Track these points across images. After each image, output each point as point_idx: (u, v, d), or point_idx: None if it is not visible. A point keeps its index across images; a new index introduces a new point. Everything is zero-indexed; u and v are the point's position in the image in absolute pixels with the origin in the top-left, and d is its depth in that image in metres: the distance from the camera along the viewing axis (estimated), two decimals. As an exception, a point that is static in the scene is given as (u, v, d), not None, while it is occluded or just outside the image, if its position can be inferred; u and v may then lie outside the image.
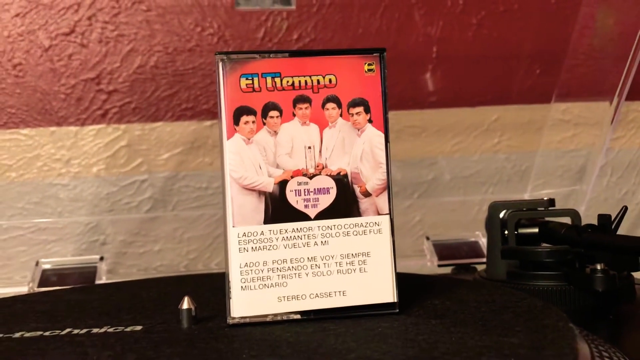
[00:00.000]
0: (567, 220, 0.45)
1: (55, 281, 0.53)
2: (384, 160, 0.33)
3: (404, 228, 0.70)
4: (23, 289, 0.54)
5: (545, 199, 0.45)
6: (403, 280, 0.33)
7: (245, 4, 0.61)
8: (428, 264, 0.59)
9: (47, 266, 0.55)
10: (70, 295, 0.40)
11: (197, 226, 0.69)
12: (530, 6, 0.72)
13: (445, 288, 0.38)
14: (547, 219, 0.45)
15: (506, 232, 0.45)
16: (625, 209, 0.42)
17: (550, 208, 0.45)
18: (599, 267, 0.39)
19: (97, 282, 0.54)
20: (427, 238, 0.62)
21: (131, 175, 0.67)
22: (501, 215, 0.46)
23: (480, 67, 0.73)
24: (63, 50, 0.65)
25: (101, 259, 0.56)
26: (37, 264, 0.56)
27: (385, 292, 0.33)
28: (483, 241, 0.60)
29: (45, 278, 0.53)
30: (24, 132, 0.66)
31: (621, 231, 0.41)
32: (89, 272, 0.54)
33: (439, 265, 0.57)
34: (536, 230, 0.45)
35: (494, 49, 0.72)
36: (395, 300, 0.33)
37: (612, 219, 0.41)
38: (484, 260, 0.49)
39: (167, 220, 0.68)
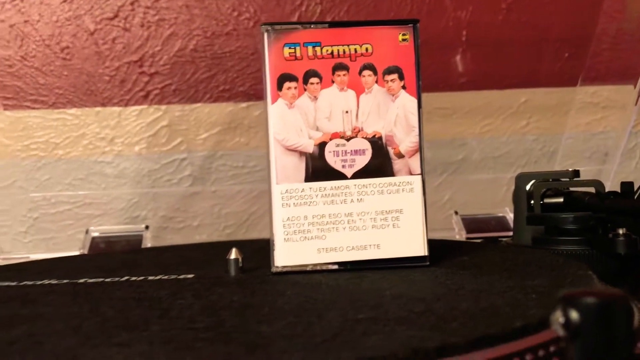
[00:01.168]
0: (591, 190, 0.47)
1: (104, 248, 0.57)
2: (416, 124, 0.36)
3: (434, 206, 0.72)
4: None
5: (570, 169, 0.47)
6: (433, 244, 0.36)
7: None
8: (456, 237, 0.61)
9: (96, 234, 0.58)
10: (123, 255, 0.44)
11: (234, 203, 0.72)
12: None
13: (473, 249, 0.41)
14: (571, 189, 0.48)
15: (532, 202, 0.47)
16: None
17: (574, 179, 0.47)
18: (621, 231, 0.41)
19: (143, 248, 0.57)
20: (456, 213, 0.64)
21: (171, 153, 0.71)
22: (527, 187, 0.49)
23: (509, 50, 0.75)
24: (107, 34, 0.69)
25: (146, 227, 0.60)
26: (87, 232, 0.60)
27: (416, 246, 0.35)
28: (510, 216, 0.62)
29: (95, 245, 0.57)
30: (71, 112, 0.70)
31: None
32: (135, 240, 0.57)
33: (467, 239, 0.60)
34: (561, 199, 0.47)
35: (523, 33, 0.74)
36: (426, 254, 0.36)
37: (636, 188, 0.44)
38: (511, 234, 0.51)
39: (205, 197, 0.72)
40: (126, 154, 0.70)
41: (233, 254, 0.36)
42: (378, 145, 0.36)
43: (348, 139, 0.36)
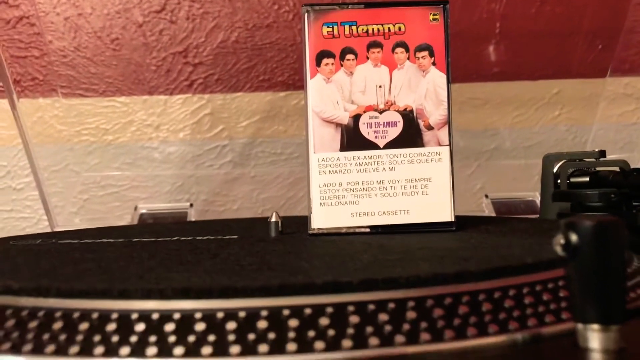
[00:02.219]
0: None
1: (152, 223, 0.61)
2: (445, 99, 0.39)
3: (466, 194, 0.75)
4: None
5: (596, 150, 0.50)
6: (460, 218, 0.39)
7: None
8: (486, 218, 0.63)
9: (144, 210, 0.62)
10: (171, 225, 0.48)
11: (272, 188, 0.76)
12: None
13: (498, 222, 0.43)
14: (598, 169, 0.50)
15: (559, 180, 0.50)
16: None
17: (600, 159, 0.50)
18: (642, 205, 0.43)
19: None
20: (486, 196, 0.67)
21: (214, 140, 0.75)
22: (555, 169, 0.51)
23: (541, 42, 0.77)
24: (155, 26, 0.73)
25: (191, 205, 0.63)
26: (135, 208, 0.64)
27: (444, 212, 0.38)
28: (539, 200, 0.64)
29: (143, 220, 0.61)
30: (120, 99, 0.74)
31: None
32: (181, 216, 0.61)
33: (496, 220, 0.62)
34: (587, 179, 0.49)
35: (555, 25, 0.76)
36: (453, 220, 0.38)
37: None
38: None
39: (244, 181, 0.75)
40: (171, 140, 0.74)
41: (274, 217, 0.39)
42: (409, 117, 0.39)
43: (381, 112, 0.39)
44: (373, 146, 0.38)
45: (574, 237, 0.20)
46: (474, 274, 0.23)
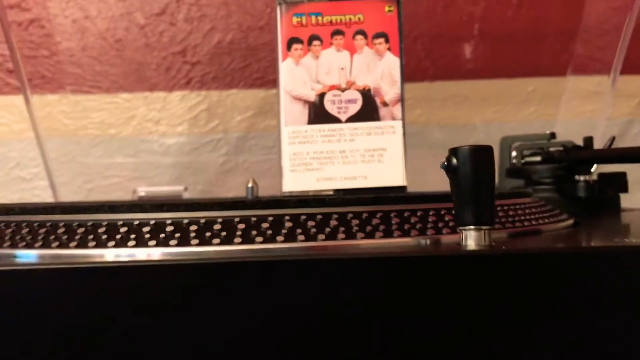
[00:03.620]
0: (566, 150, 0.56)
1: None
2: (398, 79, 0.46)
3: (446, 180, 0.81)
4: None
5: (547, 132, 0.56)
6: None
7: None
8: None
9: (142, 193, 0.69)
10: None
11: (265, 179, 0.82)
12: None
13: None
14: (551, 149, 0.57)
15: (514, 160, 0.57)
16: (613, 138, 0.53)
17: (551, 140, 0.56)
18: (582, 178, 0.50)
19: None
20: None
21: (210, 134, 0.82)
22: (513, 152, 0.58)
23: (518, 42, 0.84)
24: (155, 28, 0.81)
25: (185, 189, 0.71)
26: (134, 191, 0.71)
27: (397, 177, 0.45)
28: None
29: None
30: (123, 96, 0.82)
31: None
32: (176, 198, 0.68)
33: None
34: (539, 158, 0.56)
35: (531, 27, 0.83)
36: (405, 184, 0.45)
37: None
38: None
39: (238, 173, 0.82)
40: (170, 134, 0.82)
41: (250, 183, 0.46)
42: (367, 95, 0.46)
43: (343, 90, 0.46)
44: (336, 120, 0.45)
45: (454, 160, 0.27)
46: (389, 199, 0.30)
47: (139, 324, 0.23)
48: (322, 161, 0.45)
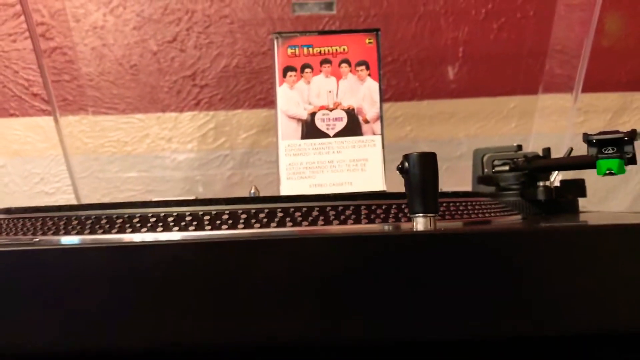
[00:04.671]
0: (531, 160, 0.64)
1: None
2: (377, 100, 0.55)
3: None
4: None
5: (514, 144, 0.65)
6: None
7: (299, 10, 0.85)
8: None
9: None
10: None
11: (268, 190, 0.92)
12: (544, 13, 0.92)
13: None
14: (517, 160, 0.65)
15: (485, 169, 0.65)
16: (571, 149, 0.62)
17: (517, 152, 0.65)
18: (541, 183, 0.59)
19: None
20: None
21: (217, 150, 0.91)
22: (484, 160, 0.67)
23: (499, 63, 0.93)
24: (167, 54, 0.90)
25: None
26: (150, 201, 0.81)
27: (378, 184, 0.54)
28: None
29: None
30: (137, 116, 0.91)
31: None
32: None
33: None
34: (507, 167, 0.65)
35: (510, 49, 0.93)
36: (384, 189, 0.54)
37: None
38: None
39: (244, 185, 0.91)
40: (181, 151, 0.91)
41: (252, 189, 0.55)
42: (351, 114, 0.55)
43: (331, 110, 0.55)
44: (325, 135, 0.54)
45: (406, 164, 0.36)
46: (360, 195, 0.39)
47: (167, 293, 0.31)
48: (314, 170, 0.54)
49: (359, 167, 0.54)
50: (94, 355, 0.32)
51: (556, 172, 0.61)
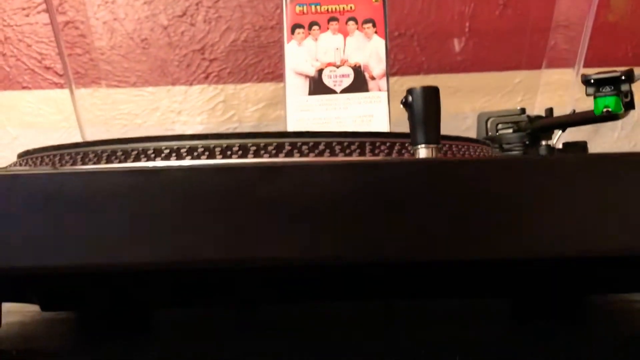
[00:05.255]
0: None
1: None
2: (384, 57, 0.56)
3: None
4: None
5: (518, 107, 0.67)
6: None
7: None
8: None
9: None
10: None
11: (275, 163, 0.93)
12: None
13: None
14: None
15: (489, 133, 0.67)
16: (573, 111, 0.63)
17: (521, 115, 0.67)
18: (543, 142, 0.60)
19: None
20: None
21: (226, 123, 0.93)
22: (488, 124, 0.68)
23: (505, 38, 0.94)
24: (177, 28, 0.92)
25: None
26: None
27: (383, 138, 0.56)
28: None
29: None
30: (148, 89, 0.92)
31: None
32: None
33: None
34: (510, 130, 0.66)
35: (516, 24, 0.94)
36: (390, 144, 0.56)
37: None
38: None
39: (252, 157, 0.93)
40: (190, 124, 0.93)
41: (261, 143, 0.57)
42: (358, 71, 0.56)
43: (338, 67, 0.56)
44: (332, 91, 0.56)
45: (409, 97, 0.38)
46: (365, 133, 0.41)
47: (179, 216, 0.33)
48: (321, 126, 0.56)
49: (365, 123, 0.56)
50: (112, 270, 0.34)
51: (559, 133, 0.62)
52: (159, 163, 0.38)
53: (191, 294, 0.42)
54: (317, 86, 0.56)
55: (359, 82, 0.56)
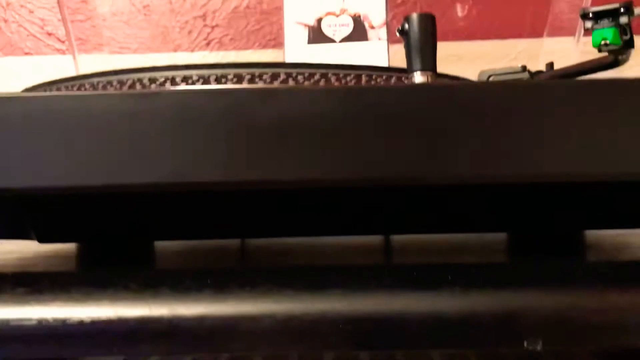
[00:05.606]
0: (536, 81, 0.65)
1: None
2: (384, 7, 0.56)
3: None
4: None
5: (519, 65, 0.66)
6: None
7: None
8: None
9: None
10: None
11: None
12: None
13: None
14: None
15: (491, 90, 0.66)
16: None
17: (523, 72, 0.66)
18: (544, 97, 0.60)
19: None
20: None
21: (227, 90, 0.93)
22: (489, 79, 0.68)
23: (508, 6, 0.94)
24: (179, -6, 0.92)
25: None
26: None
27: (382, 87, 0.55)
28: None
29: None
30: (150, 56, 0.92)
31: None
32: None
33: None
34: (512, 87, 0.66)
35: (520, -9, 0.93)
36: (389, 93, 0.55)
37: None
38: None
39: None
40: (191, 90, 0.92)
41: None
42: (358, 20, 0.56)
43: (337, 16, 0.56)
44: (331, 41, 0.56)
45: (406, 25, 0.37)
46: (361, 67, 0.40)
47: (176, 137, 0.33)
48: (320, 75, 0.56)
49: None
50: (109, 192, 0.34)
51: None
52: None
53: (191, 226, 0.42)
54: (316, 35, 0.56)
55: (359, 32, 0.56)
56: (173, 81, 0.38)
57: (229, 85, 0.37)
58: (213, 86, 0.37)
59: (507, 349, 0.32)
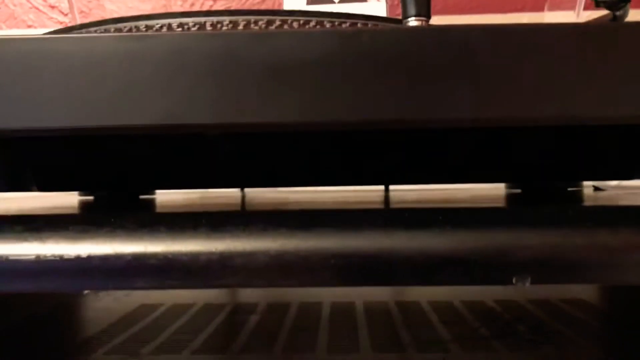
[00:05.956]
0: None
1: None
2: (382, -32, 0.57)
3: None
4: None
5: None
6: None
7: None
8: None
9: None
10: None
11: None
12: None
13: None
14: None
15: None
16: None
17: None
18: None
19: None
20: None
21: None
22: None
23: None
24: (182, -33, 0.92)
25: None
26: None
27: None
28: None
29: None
30: (152, 28, 0.93)
31: None
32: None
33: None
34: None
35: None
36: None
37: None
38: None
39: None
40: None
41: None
42: (357, -19, 0.57)
43: (336, -23, 0.57)
44: (330, 1, 0.56)
45: (401, -30, 0.38)
46: (358, 15, 0.41)
47: (171, 78, 0.33)
48: (319, 35, 0.56)
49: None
50: (106, 130, 0.34)
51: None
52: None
53: (191, 175, 0.43)
54: (316, -4, 0.56)
55: (358, -7, 0.56)
56: (170, 28, 0.39)
57: (224, 32, 0.38)
58: (207, 33, 0.38)
59: (495, 285, 0.32)
